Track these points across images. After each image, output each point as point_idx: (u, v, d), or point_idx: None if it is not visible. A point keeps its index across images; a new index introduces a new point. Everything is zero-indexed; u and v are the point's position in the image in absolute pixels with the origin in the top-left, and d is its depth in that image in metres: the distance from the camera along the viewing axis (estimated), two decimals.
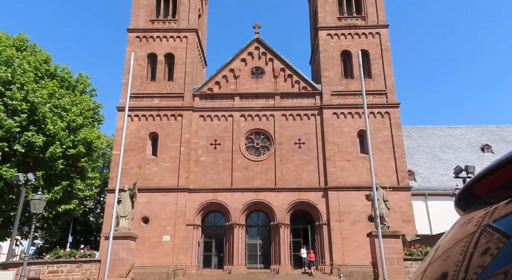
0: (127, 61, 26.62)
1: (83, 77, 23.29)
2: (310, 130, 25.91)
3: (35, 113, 18.69)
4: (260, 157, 25.67)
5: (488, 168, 0.84)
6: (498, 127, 33.80)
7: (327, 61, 27.29)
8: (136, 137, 25.47)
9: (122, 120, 22.04)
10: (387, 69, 26.69)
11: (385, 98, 26.20)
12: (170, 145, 25.40)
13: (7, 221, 20.15)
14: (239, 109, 26.51)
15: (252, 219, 25.11)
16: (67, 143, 19.36)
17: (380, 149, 24.80)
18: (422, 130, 33.54)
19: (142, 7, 28.77)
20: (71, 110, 20.22)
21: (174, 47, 27.83)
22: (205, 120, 26.43)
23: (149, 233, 23.17)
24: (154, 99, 26.62)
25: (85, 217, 37.94)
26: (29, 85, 18.56)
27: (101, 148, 23.59)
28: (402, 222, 22.91)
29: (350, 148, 25.16)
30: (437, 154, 30.50)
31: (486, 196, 0.86)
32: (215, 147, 25.74)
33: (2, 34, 20.20)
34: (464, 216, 0.96)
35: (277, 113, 26.36)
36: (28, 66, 19.36)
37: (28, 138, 17.95)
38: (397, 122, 25.47)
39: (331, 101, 26.29)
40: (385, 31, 27.71)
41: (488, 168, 0.84)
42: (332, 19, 28.37)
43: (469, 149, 30.81)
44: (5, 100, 18.01)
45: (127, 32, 28.02)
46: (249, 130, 26.17)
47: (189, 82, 26.97)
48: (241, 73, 27.64)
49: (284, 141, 25.76)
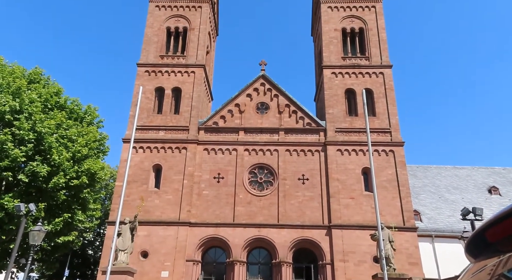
0: (135, 94, 27.22)
1: (91, 109, 23.74)
2: (314, 167, 25.80)
3: (41, 143, 18.88)
4: (263, 191, 25.42)
5: (499, 215, 0.82)
6: (505, 169, 33.50)
7: (331, 99, 27.68)
8: (140, 169, 25.46)
9: (127, 152, 22.18)
10: (391, 108, 26.96)
11: (389, 136, 26.26)
12: (173, 178, 25.32)
13: (4, 252, 19.74)
14: (243, 144, 26.62)
15: (253, 256, 24.43)
16: (71, 173, 19.37)
17: (385, 187, 24.50)
18: (427, 170, 33.26)
19: (153, 43, 29.83)
20: (77, 141, 20.43)
21: (181, 81, 28.50)
22: (209, 154, 26.48)
23: (148, 268, 22.53)
24: (159, 131, 26.90)
25: (83, 250, 37.11)
26: (36, 115, 18.92)
27: (104, 179, 23.55)
28: (409, 264, 22.14)
29: (355, 185, 24.90)
30: (443, 194, 30.03)
31: (499, 243, 0.84)
32: (218, 180, 25.60)
33: (17, 67, 21.03)
34: (476, 264, 0.93)
35: (281, 148, 26.41)
36: (37, 97, 19.84)
37: (33, 168, 17.99)
38: (401, 161, 25.34)
39: (335, 138, 26.39)
40: (388, 71, 28.29)
41: (499, 214, 0.83)
42: (336, 59, 29.11)
43: (476, 190, 30.35)
44: (13, 130, 18.28)
45: (137, 66, 28.85)
46: (253, 165, 26.12)
47: (195, 116, 27.34)
48: (246, 108, 28.03)
49: (288, 176, 25.61)
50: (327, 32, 30.07)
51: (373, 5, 30.69)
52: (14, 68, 20.85)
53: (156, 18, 30.79)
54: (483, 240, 0.91)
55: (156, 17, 30.82)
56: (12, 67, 21.04)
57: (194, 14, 30.98)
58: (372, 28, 29.87)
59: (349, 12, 30.66)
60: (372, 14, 30.42)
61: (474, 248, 0.97)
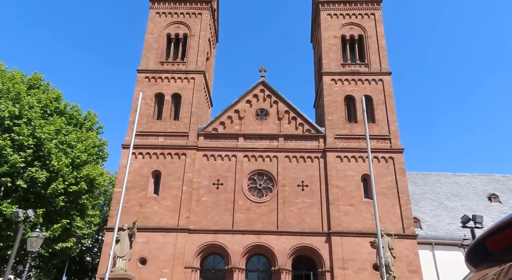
0: (135, 100, 27.26)
1: (91, 115, 23.74)
2: (314, 173, 25.76)
3: (40, 149, 18.85)
4: (263, 198, 25.35)
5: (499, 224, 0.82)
6: (505, 177, 33.46)
7: (331, 105, 27.74)
8: (139, 175, 25.41)
9: (126, 157, 22.16)
10: (391, 114, 27.02)
11: (389, 143, 26.27)
12: (172, 184, 25.26)
13: (2, 258, 19.61)
14: (242, 150, 26.61)
15: (252, 263, 24.27)
16: (69, 179, 19.32)
17: (385, 194, 24.45)
18: (427, 177, 33.20)
19: (153, 49, 29.96)
20: (77, 146, 20.40)
21: (181, 87, 28.57)
22: (208, 160, 26.46)
23: (146, 275, 22.36)
24: (159, 137, 26.89)
25: (81, 256, 36.87)
26: (36, 121, 18.92)
27: (103, 185, 23.48)
28: (409, 272, 22.02)
29: (354, 192, 24.85)
30: (443, 202, 29.93)
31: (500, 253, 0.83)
32: (217, 186, 25.54)
33: (17, 73, 21.09)
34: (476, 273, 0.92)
35: (280, 154, 26.39)
36: (36, 102, 19.86)
37: (32, 174, 17.95)
38: (401, 167, 25.32)
39: (335, 144, 26.39)
40: (388, 78, 28.40)
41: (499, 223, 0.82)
42: (336, 65, 29.24)
43: (475, 197, 30.27)
44: (12, 136, 18.27)
45: (137, 72, 28.93)
46: (252, 171, 26.08)
47: (195, 122, 27.37)
48: (246, 114, 28.06)
49: (287, 182, 25.56)
50: (327, 39, 30.23)
51: (372, 13, 30.91)
52: (14, 74, 20.91)
53: (156, 25, 30.96)
54: (484, 249, 0.90)
55: (156, 24, 30.99)
56: (12, 73, 21.09)
57: (195, 21, 31.16)
58: (371, 35, 30.05)
59: (349, 19, 30.86)
60: (371, 22, 30.62)
61: (475, 257, 0.96)
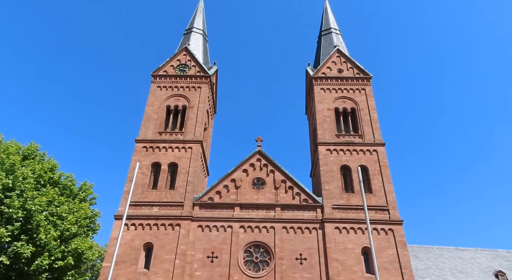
0: (131, 170, 27.18)
1: (86, 186, 23.40)
2: (312, 245, 24.83)
3: (29, 221, 18.24)
4: (259, 272, 24.05)
5: None
6: (509, 253, 32.39)
7: (327, 175, 27.75)
8: (130, 247, 24.34)
9: (118, 229, 21.42)
10: (387, 185, 26.92)
11: (387, 214, 25.78)
12: (164, 257, 24.10)
13: None
14: (238, 220, 25.92)
15: None
16: (56, 254, 18.39)
17: (387, 269, 23.31)
18: (429, 251, 31.96)
19: (152, 120, 30.74)
20: (67, 218, 19.80)
21: (178, 157, 28.73)
22: (203, 231, 25.61)
23: None
24: (153, 207, 26.32)
25: None
26: (28, 192, 18.58)
27: (91, 259, 22.33)
28: None
29: (355, 266, 23.71)
30: (448, 278, 28.42)
31: None
32: (212, 260, 24.36)
33: (14, 144, 21.21)
34: None
35: (277, 225, 25.68)
36: (30, 173, 19.67)
37: (17, 248, 17.11)
38: (402, 240, 24.50)
39: (333, 215, 25.85)
40: (382, 149, 28.85)
41: None
42: (330, 136, 29.88)
43: (482, 274, 28.84)
44: (2, 209, 17.77)
45: (135, 142, 29.31)
46: (249, 243, 25.12)
47: (190, 191, 27.03)
48: (242, 184, 27.87)
49: (285, 255, 24.48)
50: (321, 111, 31.32)
51: (363, 88, 32.51)
52: (8, 144, 20.96)
53: (157, 97, 32.18)
54: None
55: (157, 97, 32.23)
56: (6, 144, 21.09)
57: (194, 94, 32.49)
58: (363, 108, 31.22)
59: (341, 93, 32.34)
60: (362, 96, 32.04)
61: None
